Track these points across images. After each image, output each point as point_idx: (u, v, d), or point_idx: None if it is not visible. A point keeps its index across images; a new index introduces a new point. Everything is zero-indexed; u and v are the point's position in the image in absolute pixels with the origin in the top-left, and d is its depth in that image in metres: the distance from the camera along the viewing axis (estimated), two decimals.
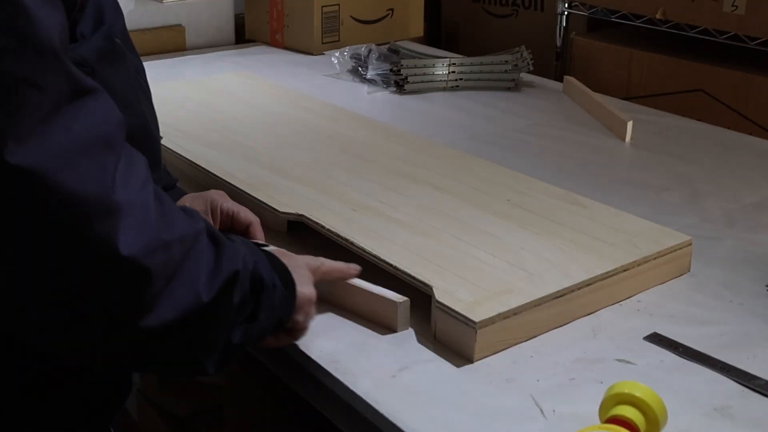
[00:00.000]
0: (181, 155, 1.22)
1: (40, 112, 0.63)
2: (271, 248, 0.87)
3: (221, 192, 1.03)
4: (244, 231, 0.99)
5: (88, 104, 0.66)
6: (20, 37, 0.63)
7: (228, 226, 0.99)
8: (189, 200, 1.00)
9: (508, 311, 0.84)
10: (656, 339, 0.87)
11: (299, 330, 0.85)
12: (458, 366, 0.82)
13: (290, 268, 0.82)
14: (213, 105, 1.46)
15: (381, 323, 0.89)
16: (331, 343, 0.86)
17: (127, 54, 0.88)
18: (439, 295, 0.85)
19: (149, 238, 0.67)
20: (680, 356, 0.84)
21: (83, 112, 0.65)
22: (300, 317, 0.83)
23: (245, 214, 0.99)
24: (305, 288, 0.83)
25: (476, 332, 0.82)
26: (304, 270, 0.85)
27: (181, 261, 0.69)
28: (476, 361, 0.83)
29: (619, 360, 0.83)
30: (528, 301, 0.85)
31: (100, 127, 0.66)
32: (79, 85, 0.66)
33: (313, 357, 0.84)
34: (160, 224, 0.68)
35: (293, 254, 0.88)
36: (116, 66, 0.85)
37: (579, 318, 0.90)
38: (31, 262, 0.64)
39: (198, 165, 1.18)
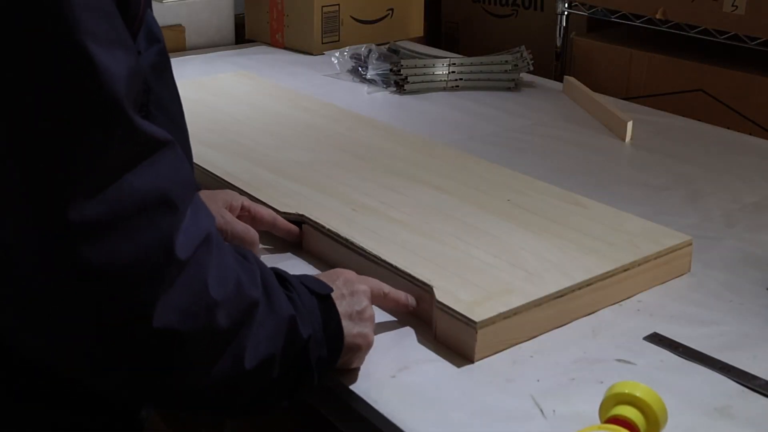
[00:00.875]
0: None
1: (103, 169, 0.59)
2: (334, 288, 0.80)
3: (232, 192, 1.03)
4: (271, 226, 1.01)
5: (154, 162, 0.62)
6: (84, 91, 0.58)
7: (248, 221, 1.00)
8: (203, 198, 0.99)
9: (509, 311, 0.84)
10: (656, 339, 0.87)
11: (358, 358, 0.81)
12: (458, 366, 0.82)
13: (342, 317, 0.77)
14: (213, 105, 1.46)
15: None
16: None
17: (170, 62, 0.84)
18: (440, 295, 0.85)
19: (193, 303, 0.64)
20: (680, 356, 0.84)
21: (147, 171, 0.62)
22: (349, 359, 0.80)
23: (264, 209, 1.01)
24: (355, 333, 0.79)
25: (476, 332, 0.82)
26: (361, 300, 0.81)
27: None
28: (476, 361, 0.83)
29: (619, 360, 0.83)
30: (528, 301, 0.85)
31: (163, 186, 0.62)
32: (147, 140, 0.62)
33: None
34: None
35: (353, 281, 0.82)
36: (164, 77, 0.82)
37: (579, 318, 0.90)
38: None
39: (198, 165, 1.18)
